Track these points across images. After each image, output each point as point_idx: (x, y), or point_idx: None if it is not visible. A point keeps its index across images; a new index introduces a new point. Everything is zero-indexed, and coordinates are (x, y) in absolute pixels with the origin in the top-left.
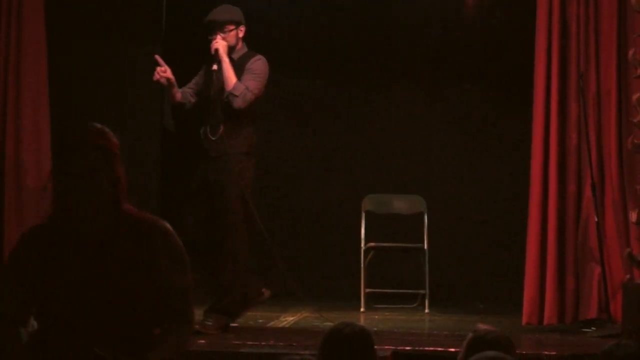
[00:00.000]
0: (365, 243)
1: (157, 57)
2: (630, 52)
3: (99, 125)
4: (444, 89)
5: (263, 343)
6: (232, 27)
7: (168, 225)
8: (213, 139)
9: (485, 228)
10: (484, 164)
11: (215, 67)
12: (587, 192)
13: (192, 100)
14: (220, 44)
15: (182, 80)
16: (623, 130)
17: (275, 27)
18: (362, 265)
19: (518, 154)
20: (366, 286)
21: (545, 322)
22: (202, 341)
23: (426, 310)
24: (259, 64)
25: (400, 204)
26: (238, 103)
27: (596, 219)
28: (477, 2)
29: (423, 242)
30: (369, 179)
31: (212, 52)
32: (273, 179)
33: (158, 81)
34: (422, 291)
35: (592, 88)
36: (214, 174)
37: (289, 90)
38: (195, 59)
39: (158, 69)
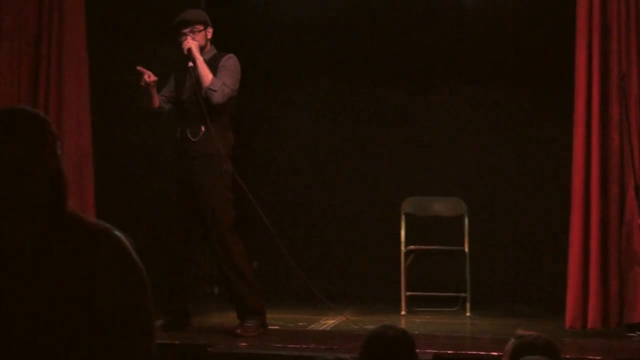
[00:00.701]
0: (406, 246)
1: (139, 68)
2: None
3: (32, 110)
4: (486, 90)
5: (304, 346)
6: (200, 27)
7: (122, 237)
8: (194, 140)
9: (527, 230)
10: (525, 165)
11: (191, 64)
12: (630, 194)
13: (166, 107)
14: (192, 43)
15: None
16: None
17: (312, 28)
18: (402, 268)
19: (560, 155)
20: (407, 289)
21: (589, 326)
22: (244, 344)
23: (467, 314)
24: (232, 61)
25: (441, 207)
26: (217, 98)
27: (639, 221)
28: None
29: (464, 245)
30: (409, 182)
31: (185, 52)
32: (313, 181)
33: (147, 85)
34: (463, 294)
35: (634, 89)
36: (195, 176)
37: (328, 91)
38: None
39: (144, 76)
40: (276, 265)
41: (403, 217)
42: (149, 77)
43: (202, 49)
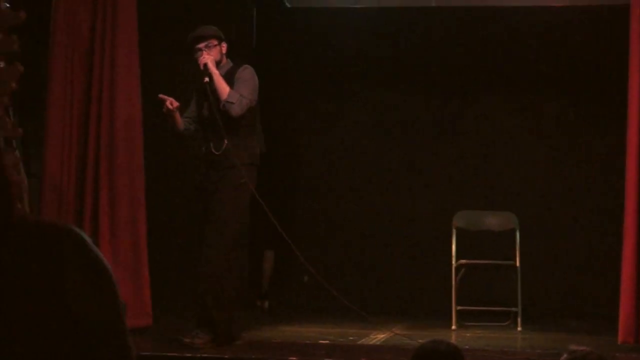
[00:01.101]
0: (456, 260)
1: (161, 96)
2: None
3: None
4: (537, 103)
5: None
6: (215, 42)
7: (83, 235)
8: (217, 153)
9: (579, 244)
10: (577, 179)
11: (206, 79)
12: None
13: (192, 127)
14: (207, 58)
15: (271, 96)
16: None
17: (365, 41)
18: (453, 283)
19: (612, 169)
20: (457, 303)
21: None
22: (293, 358)
23: (518, 328)
24: (247, 72)
25: (492, 221)
26: (235, 110)
27: None
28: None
29: (515, 259)
30: (460, 196)
31: (201, 67)
32: (364, 195)
33: (169, 111)
34: (514, 309)
35: None
36: (217, 187)
37: (379, 104)
38: (283, 77)
39: (166, 103)
40: (326, 279)
41: (454, 231)
42: (172, 103)
43: (218, 64)
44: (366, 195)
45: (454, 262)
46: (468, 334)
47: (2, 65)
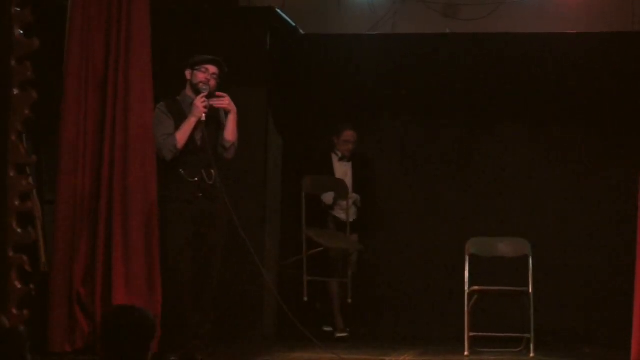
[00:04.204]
0: (469, 286)
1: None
2: None
3: None
4: (551, 129)
5: None
6: (220, 76)
7: None
8: (210, 183)
9: (592, 271)
10: (590, 205)
11: (203, 118)
12: None
13: None
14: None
15: (285, 123)
16: None
17: (379, 68)
18: (466, 309)
19: (627, 196)
20: (470, 330)
21: None
22: None
23: (531, 355)
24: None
25: (505, 247)
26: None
27: None
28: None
29: (528, 286)
30: (473, 222)
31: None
32: (377, 221)
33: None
34: (527, 335)
35: None
36: (214, 215)
37: (392, 131)
38: (298, 104)
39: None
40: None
41: (467, 258)
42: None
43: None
44: (379, 222)
45: (466, 288)
46: None
47: (16, 93)
